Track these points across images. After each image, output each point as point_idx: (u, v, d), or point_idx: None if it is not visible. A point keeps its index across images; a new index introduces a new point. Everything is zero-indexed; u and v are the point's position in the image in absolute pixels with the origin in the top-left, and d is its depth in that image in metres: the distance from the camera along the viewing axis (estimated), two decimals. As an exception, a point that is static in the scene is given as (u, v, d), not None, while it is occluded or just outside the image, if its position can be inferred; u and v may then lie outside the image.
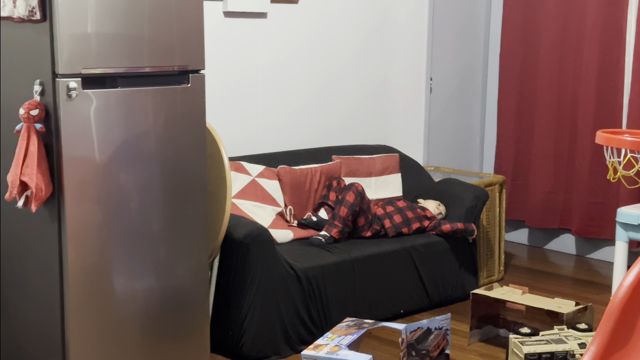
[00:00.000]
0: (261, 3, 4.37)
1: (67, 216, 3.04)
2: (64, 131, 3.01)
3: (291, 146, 4.62)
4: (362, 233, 4.26)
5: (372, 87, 5.02)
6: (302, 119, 4.69)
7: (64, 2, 2.95)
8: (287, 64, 4.58)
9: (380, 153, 4.85)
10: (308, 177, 4.36)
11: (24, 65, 3.09)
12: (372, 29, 4.95)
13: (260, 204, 4.14)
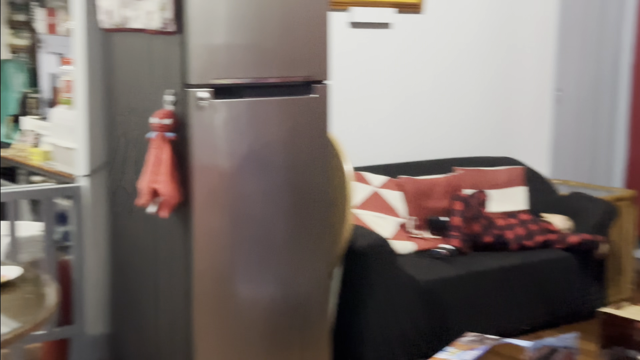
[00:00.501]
0: (386, 14, 4.38)
1: (196, 223, 3.12)
2: (194, 140, 3.08)
3: (413, 157, 4.59)
4: (482, 239, 4.20)
5: (496, 98, 4.94)
6: (424, 129, 4.65)
7: (197, 15, 3.03)
8: (411, 74, 4.56)
9: (504, 165, 4.76)
10: (430, 188, 4.32)
11: (157, 75, 3.18)
12: (498, 39, 4.87)
13: (382, 215, 4.13)
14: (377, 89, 4.46)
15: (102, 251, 3.60)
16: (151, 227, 3.29)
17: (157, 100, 3.16)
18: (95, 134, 3.54)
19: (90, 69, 3.50)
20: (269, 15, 3.22)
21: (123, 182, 3.45)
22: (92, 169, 3.54)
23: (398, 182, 4.28)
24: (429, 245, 4.17)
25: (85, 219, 3.55)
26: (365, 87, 4.41)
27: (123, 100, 3.41)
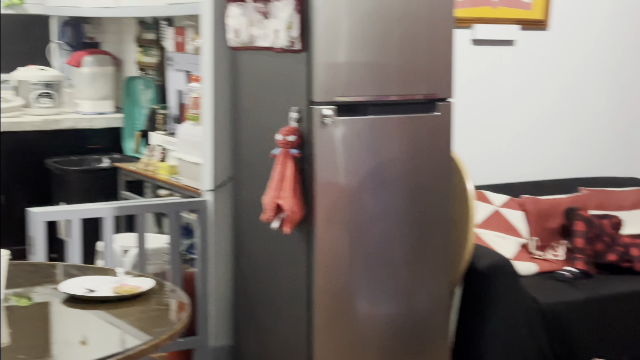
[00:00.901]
0: (510, 30, 4.32)
1: (317, 239, 3.15)
2: (318, 157, 3.12)
3: (536, 176, 4.49)
4: (605, 257, 4.07)
5: (624, 115, 4.78)
6: (547, 148, 4.55)
7: (322, 33, 3.07)
8: (535, 91, 4.47)
9: (632, 186, 4.60)
10: (553, 208, 4.22)
11: (282, 93, 3.24)
12: (626, 55, 4.72)
13: (503, 235, 4.06)
14: (500, 106, 4.39)
15: (225, 264, 3.67)
16: (273, 242, 3.34)
17: (282, 117, 3.21)
18: (220, 149, 3.62)
19: (217, 86, 3.59)
20: (392, 32, 3.23)
21: (247, 197, 3.52)
22: (217, 184, 3.63)
23: (520, 201, 4.20)
24: (551, 267, 4.07)
25: (210, 232, 3.63)
26: (487, 105, 4.36)
27: (248, 116, 3.48)
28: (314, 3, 3.05)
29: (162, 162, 4.33)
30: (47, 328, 2.26)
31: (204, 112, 3.66)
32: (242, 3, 3.35)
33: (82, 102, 5.19)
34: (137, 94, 5.07)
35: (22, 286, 2.48)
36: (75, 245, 3.34)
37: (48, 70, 5.22)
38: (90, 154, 5.03)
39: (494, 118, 4.39)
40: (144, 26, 5.02)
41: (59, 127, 5.00)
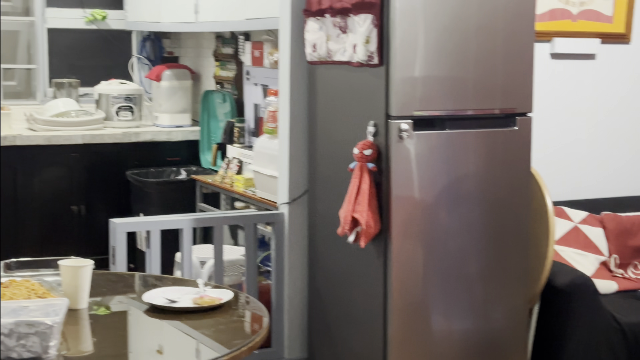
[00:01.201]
0: (590, 44, 4.24)
1: (393, 253, 3.14)
2: (394, 171, 3.11)
3: (616, 192, 4.39)
4: None
5: None
6: (628, 163, 4.45)
7: (399, 47, 3.07)
8: (616, 106, 4.38)
9: None
10: (635, 225, 4.12)
11: (360, 107, 3.25)
12: None
13: (583, 252, 3.98)
14: (580, 121, 4.32)
15: (300, 277, 3.69)
16: (349, 256, 3.34)
17: (358, 131, 3.22)
18: (296, 162, 3.65)
19: (294, 100, 3.62)
20: (470, 46, 3.21)
21: (322, 210, 3.53)
22: (293, 197, 3.65)
23: (600, 218, 4.11)
24: (632, 285, 3.97)
25: (285, 245, 3.65)
26: (566, 120, 4.29)
27: (324, 130, 3.50)
28: (392, 17, 3.06)
29: (239, 174, 4.39)
30: (127, 337, 2.30)
31: (281, 126, 3.69)
32: (320, 18, 3.38)
33: (160, 115, 5.30)
34: (215, 107, 5.15)
35: (103, 295, 2.53)
36: (155, 255, 3.40)
37: (128, 84, 5.34)
38: (168, 166, 5.12)
39: (573, 133, 4.31)
40: (222, 41, 5.10)
41: (138, 139, 5.11)
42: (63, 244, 4.91)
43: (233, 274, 3.93)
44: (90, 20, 5.57)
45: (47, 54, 5.50)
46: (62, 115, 5.03)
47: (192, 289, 2.47)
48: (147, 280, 2.86)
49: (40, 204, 4.89)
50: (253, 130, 4.63)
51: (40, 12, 5.44)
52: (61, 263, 2.31)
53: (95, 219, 4.98)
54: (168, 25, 5.09)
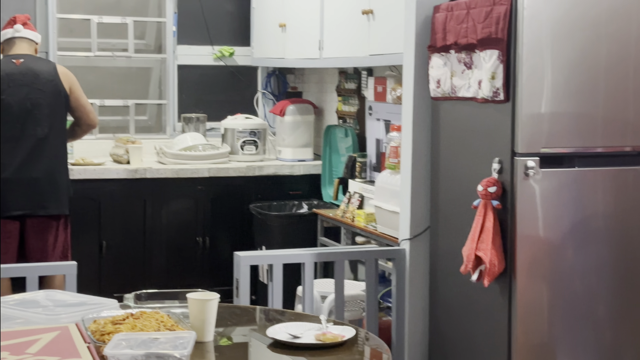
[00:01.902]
0: None
1: (518, 293, 3.07)
2: (519, 209, 3.05)
3: None
4: None
5: None
6: None
7: (526, 83, 3.03)
8: None
9: None
10: None
11: (484, 143, 3.21)
12: None
13: None
14: None
15: (421, 314, 3.65)
16: (471, 294, 3.28)
17: (482, 167, 3.18)
18: (418, 198, 3.63)
19: (417, 135, 3.61)
20: (598, 82, 3.13)
21: (444, 247, 3.49)
22: (415, 233, 3.63)
23: None
24: None
25: (406, 281, 3.63)
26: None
27: (447, 166, 3.47)
28: (518, 53, 3.02)
29: (360, 209, 4.40)
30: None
31: (403, 161, 3.69)
32: (445, 54, 3.37)
33: (283, 149, 5.39)
34: (337, 142, 5.19)
35: (228, 327, 2.58)
36: (277, 289, 3.44)
37: (253, 118, 5.46)
38: (290, 199, 5.19)
39: None
40: (345, 76, 5.15)
41: (261, 173, 5.21)
42: (187, 275, 5.04)
43: (353, 309, 3.93)
44: (218, 57, 5.75)
45: (177, 90, 5.70)
46: (190, 149, 5.19)
47: (314, 325, 2.48)
48: (270, 314, 2.89)
49: (167, 235, 5.04)
50: (375, 165, 4.64)
51: (172, 49, 5.65)
52: (189, 296, 2.37)
53: (218, 251, 5.10)
54: (293, 62, 5.19)
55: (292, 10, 5.09)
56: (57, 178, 4.27)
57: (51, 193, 4.24)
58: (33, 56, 4.38)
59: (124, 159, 5.05)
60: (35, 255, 4.20)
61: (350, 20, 4.39)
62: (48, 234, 4.25)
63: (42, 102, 4.25)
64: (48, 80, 4.28)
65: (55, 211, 4.25)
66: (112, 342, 2.07)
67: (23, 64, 4.29)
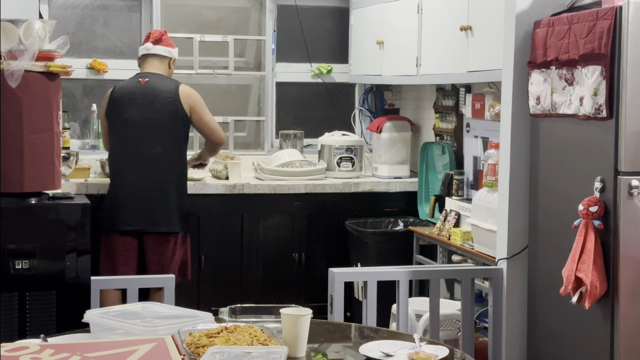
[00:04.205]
0: None
1: (621, 316, 2.97)
2: (623, 229, 2.96)
3: None
4: None
5: None
6: None
7: (631, 100, 2.94)
8: None
9: None
10: None
11: (586, 161, 3.12)
12: None
13: None
14: None
15: (519, 335, 3.57)
16: (572, 317, 3.19)
17: (583, 186, 3.09)
18: (516, 217, 3.56)
19: (515, 153, 3.54)
20: None
21: (543, 267, 3.41)
22: (513, 253, 3.55)
23: None
24: None
25: (504, 301, 3.55)
26: None
27: (546, 185, 3.40)
28: (622, 69, 2.93)
29: (456, 227, 4.34)
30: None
31: (501, 179, 3.62)
32: (545, 70, 3.30)
33: (380, 166, 5.37)
34: (433, 159, 5.15)
35: (321, 343, 2.58)
36: (371, 306, 3.42)
37: (350, 135, 5.47)
38: (386, 216, 5.16)
39: None
40: (442, 93, 5.11)
41: (357, 189, 5.20)
42: (283, 290, 5.07)
43: (449, 329, 3.87)
44: (316, 74, 5.79)
45: (275, 107, 5.77)
46: (287, 165, 5.23)
47: (408, 344, 2.45)
48: (363, 331, 2.88)
49: (263, 250, 5.09)
50: (472, 183, 4.57)
51: (271, 67, 5.73)
52: (282, 311, 2.38)
53: (314, 267, 5.11)
54: (390, 78, 5.18)
55: (390, 27, 5.09)
56: (168, 197, 4.38)
57: (162, 211, 4.36)
58: (159, 75, 4.51)
59: (222, 175, 5.13)
60: (154, 270, 4.32)
61: (448, 36, 4.36)
62: (165, 249, 4.37)
63: (158, 122, 4.38)
64: (167, 100, 4.41)
65: (165, 229, 4.36)
66: (206, 354, 2.10)
67: (147, 84, 4.43)
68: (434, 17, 4.58)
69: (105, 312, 2.48)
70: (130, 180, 4.36)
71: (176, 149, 4.44)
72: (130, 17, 5.49)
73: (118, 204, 4.36)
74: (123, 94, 4.44)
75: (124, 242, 4.34)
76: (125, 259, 4.34)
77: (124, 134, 4.41)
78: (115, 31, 5.48)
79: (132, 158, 4.37)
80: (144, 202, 4.34)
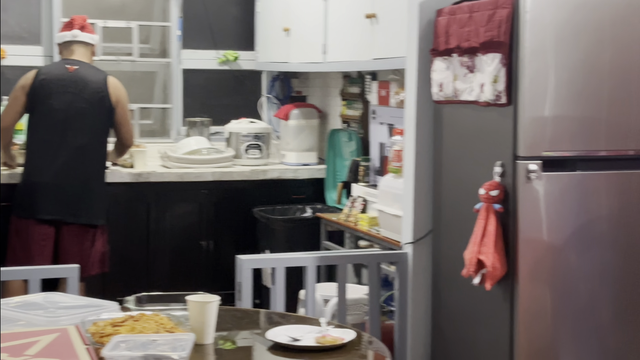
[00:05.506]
0: None
1: (520, 296, 3.06)
2: (521, 212, 3.05)
3: None
4: None
5: None
6: None
7: (529, 86, 3.02)
8: None
9: None
10: None
11: (486, 147, 3.20)
12: None
13: None
14: None
15: (423, 318, 3.64)
16: (473, 298, 3.28)
17: (485, 171, 3.17)
18: (421, 202, 3.63)
19: (420, 139, 3.61)
20: (602, 85, 3.12)
21: (447, 251, 3.49)
22: (417, 237, 3.62)
23: None
24: None
25: (409, 285, 3.62)
26: None
27: (449, 170, 3.47)
28: (521, 56, 3.01)
29: (363, 213, 4.39)
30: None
31: (406, 165, 3.68)
32: (447, 57, 3.37)
33: (288, 154, 5.39)
34: (340, 146, 5.19)
35: (229, 330, 2.58)
36: (280, 292, 3.44)
37: (258, 122, 5.47)
38: (294, 204, 5.19)
39: None
40: (348, 80, 5.16)
41: (265, 177, 5.20)
42: (191, 278, 5.04)
43: (356, 313, 3.92)
44: (222, 61, 5.75)
45: (182, 94, 5.71)
46: (194, 153, 5.19)
47: (315, 328, 2.48)
48: (272, 317, 2.89)
49: (170, 239, 5.04)
50: (378, 169, 4.63)
51: (176, 53, 5.66)
52: (189, 298, 2.37)
53: (222, 255, 5.09)
54: (297, 66, 5.19)
55: (296, 15, 5.09)
56: (92, 188, 4.30)
57: (85, 202, 4.28)
58: (87, 65, 4.40)
59: (128, 163, 5.06)
60: (71, 262, 4.21)
61: (354, 24, 4.39)
62: (85, 240, 4.28)
63: (86, 111, 4.28)
64: (96, 91, 4.31)
65: (86, 221, 4.28)
66: (110, 343, 2.08)
67: (77, 72, 4.32)
68: (339, 4, 4.60)
69: (4, 303, 2.42)
70: (52, 169, 4.26)
71: (100, 140, 4.37)
72: (28, 2, 5.33)
73: (36, 192, 4.25)
74: (50, 80, 4.31)
75: (41, 231, 4.25)
76: (41, 249, 4.24)
77: (49, 121, 4.29)
78: (13, 16, 5.31)
79: (56, 147, 4.27)
80: (65, 193, 4.25)
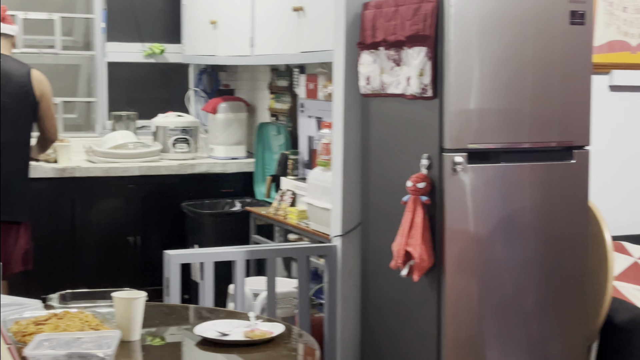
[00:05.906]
0: (650, 76, 4.17)
1: (447, 287, 3.10)
2: (448, 204, 3.09)
3: (678, 227, 4.29)
4: None
5: None
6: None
7: (454, 80, 3.06)
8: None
9: None
10: (698, 262, 4.00)
11: (413, 139, 3.23)
12: None
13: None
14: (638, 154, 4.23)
15: (353, 310, 3.66)
16: (402, 289, 3.31)
17: (412, 163, 3.20)
18: (350, 195, 3.64)
19: (348, 132, 3.62)
20: (525, 78, 3.18)
21: (375, 243, 3.51)
22: (346, 230, 3.64)
23: (661, 253, 4.01)
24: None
25: (338, 277, 3.64)
26: (625, 153, 4.21)
27: (378, 163, 3.49)
28: (446, 50, 3.05)
29: (292, 207, 4.39)
30: (180, 369, 2.31)
31: (334, 158, 3.69)
32: (374, 51, 3.38)
33: (216, 147, 5.35)
34: (269, 139, 5.18)
35: (157, 326, 2.55)
36: (209, 287, 3.42)
37: (185, 116, 5.41)
38: (223, 197, 5.16)
39: (632, 166, 4.23)
40: (277, 73, 5.14)
41: (193, 171, 5.16)
42: (119, 275, 4.97)
43: (286, 306, 3.92)
44: (148, 54, 5.68)
45: (107, 87, 5.61)
46: (120, 147, 5.11)
47: (243, 322, 2.47)
48: (200, 312, 2.87)
49: (97, 235, 4.96)
50: (307, 162, 4.64)
51: (101, 46, 5.56)
52: (114, 295, 2.33)
53: (150, 250, 5.03)
54: (224, 59, 5.16)
55: (222, 7, 5.06)
56: (14, 184, 4.17)
57: (7, 199, 4.15)
58: (9, 57, 4.26)
59: (51, 158, 4.95)
60: None
61: (281, 17, 4.38)
62: (7, 237, 4.15)
63: (8, 106, 4.15)
64: (19, 84, 4.18)
65: (9, 217, 4.15)
66: (33, 342, 2.03)
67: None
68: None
69: None
70: None
71: (23, 136, 4.25)
72: (-54, -8, 5.17)
73: None
74: None
75: None
76: None
77: None
78: None
79: None
80: None
